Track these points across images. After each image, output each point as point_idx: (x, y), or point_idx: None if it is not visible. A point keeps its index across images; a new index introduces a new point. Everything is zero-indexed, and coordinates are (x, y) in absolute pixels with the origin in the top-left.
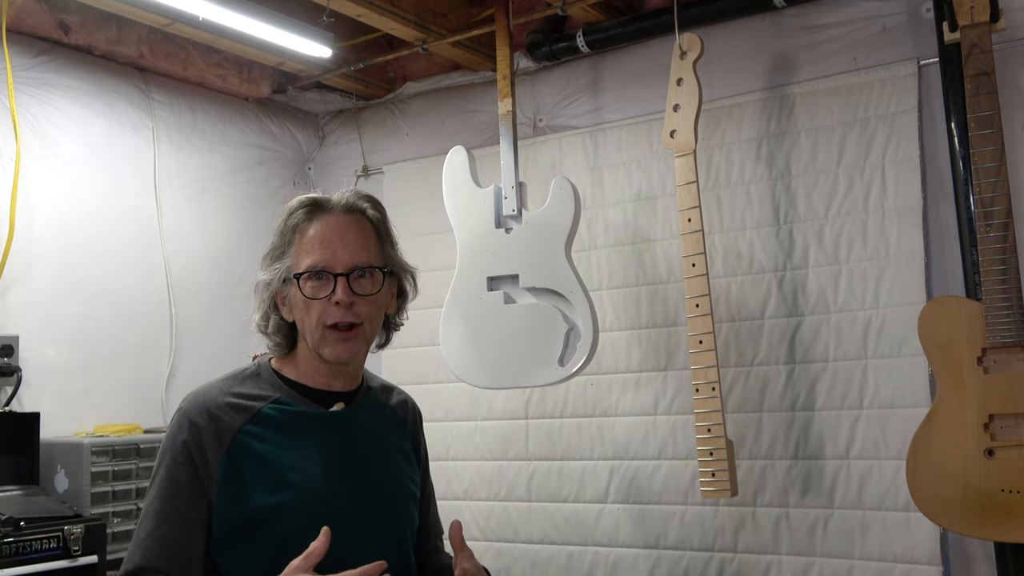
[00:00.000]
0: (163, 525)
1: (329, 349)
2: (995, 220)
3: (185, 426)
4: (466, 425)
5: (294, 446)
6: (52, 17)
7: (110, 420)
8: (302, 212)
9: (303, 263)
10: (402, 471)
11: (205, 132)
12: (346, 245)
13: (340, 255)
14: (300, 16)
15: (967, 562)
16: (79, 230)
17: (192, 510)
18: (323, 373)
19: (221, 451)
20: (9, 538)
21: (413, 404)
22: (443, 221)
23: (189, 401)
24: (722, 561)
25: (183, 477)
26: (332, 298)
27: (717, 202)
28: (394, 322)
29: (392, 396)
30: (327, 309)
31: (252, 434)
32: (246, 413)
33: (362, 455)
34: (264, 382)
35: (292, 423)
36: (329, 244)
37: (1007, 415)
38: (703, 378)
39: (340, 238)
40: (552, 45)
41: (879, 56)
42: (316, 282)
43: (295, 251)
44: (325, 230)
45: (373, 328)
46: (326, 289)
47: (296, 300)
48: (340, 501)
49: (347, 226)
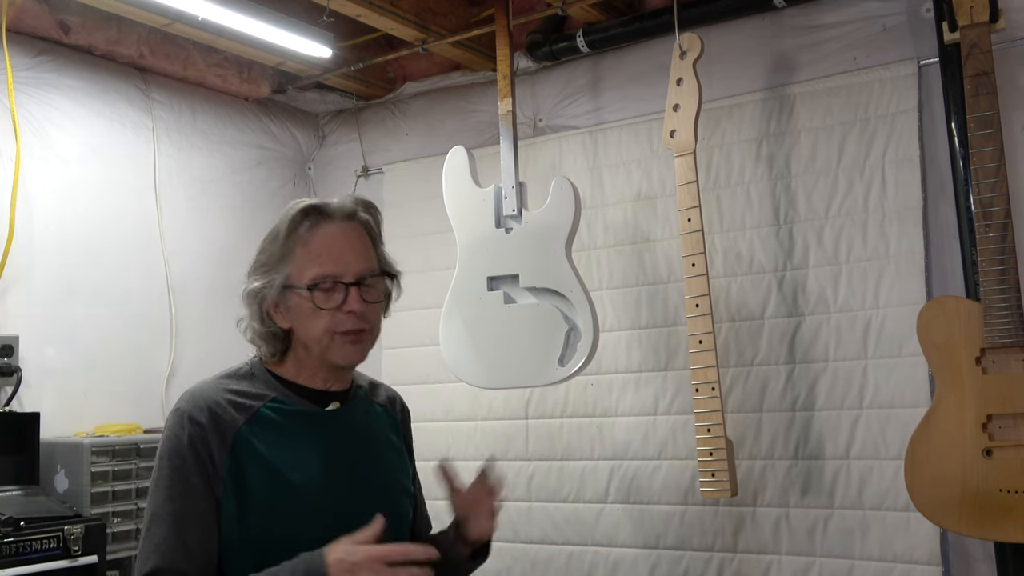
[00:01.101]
0: (179, 526)
1: (341, 354)
2: (994, 220)
3: (187, 425)
4: (466, 425)
5: (293, 445)
6: (52, 17)
7: (110, 420)
8: (303, 219)
9: (309, 273)
10: (396, 467)
11: (205, 132)
12: (355, 255)
13: (351, 265)
14: (300, 16)
15: (967, 562)
16: (79, 230)
17: (207, 511)
18: (321, 375)
19: (226, 449)
20: (9, 538)
21: (401, 400)
22: (443, 221)
23: (187, 400)
24: (722, 561)
25: (195, 478)
26: (344, 307)
27: (717, 202)
28: None
29: (380, 393)
30: (337, 317)
31: (253, 432)
32: (246, 412)
33: (358, 453)
34: (259, 381)
35: (290, 423)
36: (339, 254)
37: (1005, 415)
38: (703, 378)
39: (349, 247)
40: (552, 45)
41: (879, 56)
42: (326, 293)
43: (297, 259)
44: (331, 240)
45: (378, 330)
46: (336, 298)
47: (300, 309)
48: (339, 499)
49: (349, 234)
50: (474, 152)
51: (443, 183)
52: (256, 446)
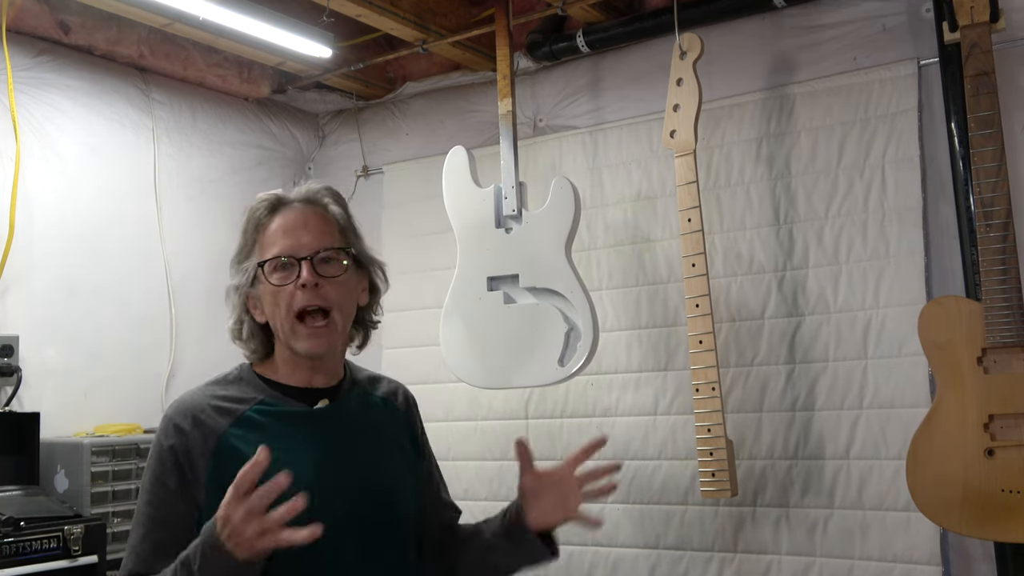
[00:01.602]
0: (155, 530)
1: (302, 343)
2: (995, 220)
3: (171, 432)
4: (466, 425)
5: (281, 447)
6: (52, 17)
7: (110, 420)
8: (262, 208)
9: (267, 255)
10: (397, 461)
11: (205, 132)
12: (309, 231)
13: (303, 240)
14: (300, 16)
15: (967, 562)
16: (79, 230)
17: (183, 515)
18: (303, 372)
19: (207, 454)
20: (9, 538)
21: (405, 391)
22: (443, 221)
23: (173, 408)
24: (722, 561)
25: (172, 482)
26: (298, 281)
27: (717, 202)
28: (369, 319)
29: (381, 386)
30: (294, 295)
31: (238, 436)
32: (230, 416)
33: (352, 450)
34: (247, 385)
35: (277, 424)
36: (291, 232)
37: (1007, 415)
38: (703, 378)
39: (303, 225)
40: (552, 45)
41: (879, 56)
42: (282, 272)
43: (259, 247)
44: (287, 221)
45: (344, 317)
46: (291, 276)
47: (265, 294)
48: (332, 498)
49: (308, 215)
50: (474, 152)
51: (443, 183)
52: (240, 449)
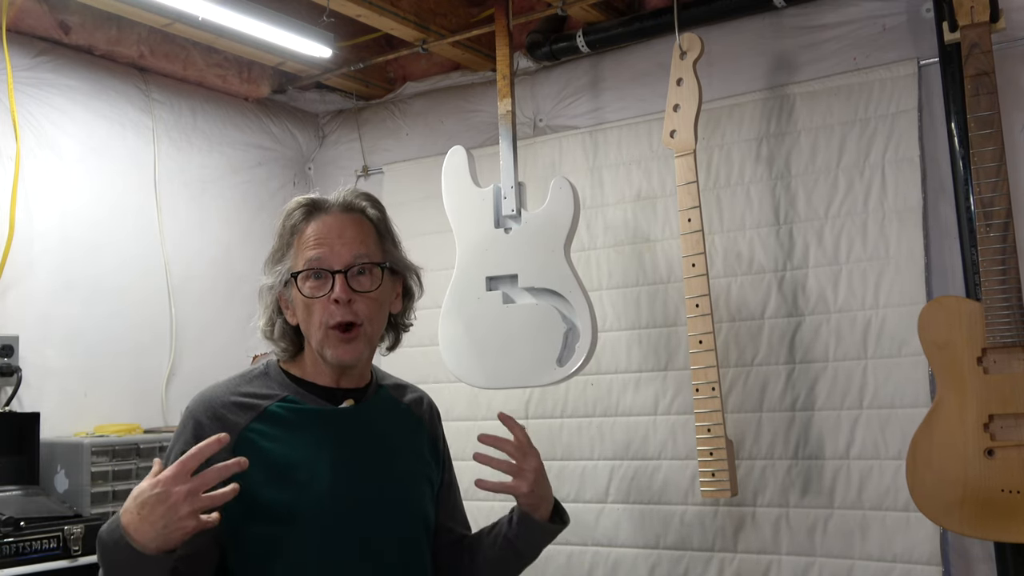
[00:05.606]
0: None
1: (332, 351)
2: (995, 220)
3: (190, 426)
4: (466, 425)
5: (303, 444)
6: (52, 17)
7: (110, 420)
8: (299, 212)
9: (300, 262)
10: (415, 468)
11: (205, 132)
12: (344, 242)
13: (337, 252)
14: (300, 16)
15: (967, 562)
16: (79, 230)
17: None
18: (330, 373)
19: (226, 450)
20: (9, 538)
21: (429, 401)
22: (443, 221)
23: (195, 402)
24: (722, 561)
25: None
26: (331, 296)
27: (717, 202)
28: (402, 323)
29: (406, 394)
30: (327, 309)
31: (259, 432)
32: (252, 411)
33: (372, 452)
34: (272, 381)
35: (300, 421)
36: (326, 241)
37: (1007, 415)
38: (703, 378)
39: (337, 235)
40: (552, 45)
41: (879, 56)
42: (315, 281)
43: (294, 252)
44: (322, 228)
45: (375, 328)
46: (324, 288)
47: (297, 301)
48: (349, 498)
49: (344, 224)
50: (474, 152)
51: (442, 183)
52: (260, 444)
